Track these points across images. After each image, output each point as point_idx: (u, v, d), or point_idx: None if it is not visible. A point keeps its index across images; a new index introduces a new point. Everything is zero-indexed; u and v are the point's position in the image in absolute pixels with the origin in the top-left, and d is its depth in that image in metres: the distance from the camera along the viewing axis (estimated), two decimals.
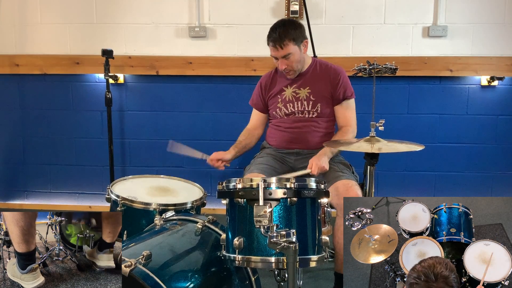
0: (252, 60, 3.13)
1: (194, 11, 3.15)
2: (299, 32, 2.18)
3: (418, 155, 2.73)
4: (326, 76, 2.27)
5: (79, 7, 3.20)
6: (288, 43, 2.14)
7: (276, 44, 2.14)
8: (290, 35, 2.13)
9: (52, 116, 3.36)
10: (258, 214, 1.29)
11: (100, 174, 3.36)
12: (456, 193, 3.22)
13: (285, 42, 2.13)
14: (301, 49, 2.20)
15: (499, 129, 3.17)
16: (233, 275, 1.49)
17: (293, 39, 2.14)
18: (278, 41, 2.13)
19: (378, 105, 3.03)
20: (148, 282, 1.20)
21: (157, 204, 1.85)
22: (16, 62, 3.27)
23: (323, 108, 2.27)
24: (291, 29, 2.15)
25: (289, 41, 2.14)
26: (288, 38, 2.13)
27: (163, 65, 3.19)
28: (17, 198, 3.50)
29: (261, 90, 2.40)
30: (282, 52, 2.16)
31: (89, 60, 3.20)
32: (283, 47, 2.14)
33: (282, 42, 2.13)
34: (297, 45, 2.17)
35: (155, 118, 3.31)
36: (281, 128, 2.33)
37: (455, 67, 3.07)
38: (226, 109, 3.25)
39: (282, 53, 2.16)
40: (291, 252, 1.19)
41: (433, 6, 3.06)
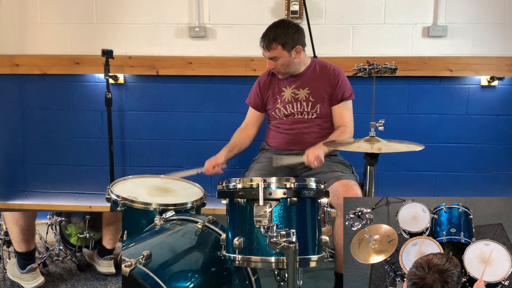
0: (252, 60, 3.13)
1: (194, 11, 3.15)
2: (292, 38, 2.14)
3: (418, 155, 2.72)
4: (325, 76, 2.27)
5: (79, 7, 3.20)
6: (276, 47, 2.13)
7: (263, 44, 2.16)
8: (279, 40, 2.12)
9: (52, 116, 3.36)
10: (258, 214, 1.29)
11: (100, 174, 3.36)
12: (456, 193, 3.22)
13: (272, 45, 2.13)
14: (291, 54, 2.17)
15: (499, 129, 3.17)
16: (233, 275, 1.49)
17: (282, 44, 2.13)
18: (266, 42, 2.15)
19: (378, 105, 3.03)
20: (148, 282, 1.20)
21: (157, 204, 1.85)
22: (16, 62, 3.27)
23: (322, 109, 2.26)
24: (284, 34, 2.13)
25: (277, 45, 2.13)
26: (276, 42, 2.12)
27: (163, 65, 3.19)
28: (17, 198, 3.50)
29: (259, 89, 2.39)
30: (268, 54, 2.17)
31: (89, 60, 3.20)
32: (270, 49, 2.15)
33: (269, 45, 2.14)
34: (286, 50, 2.15)
35: (155, 118, 3.31)
36: (280, 129, 2.33)
37: (455, 67, 3.07)
38: (226, 109, 3.25)
39: (269, 55, 2.18)
40: (291, 252, 1.19)
41: (433, 6, 3.06)
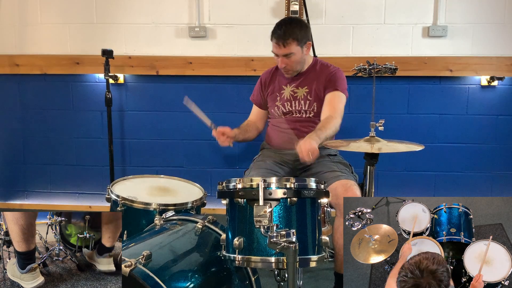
0: (252, 60, 3.13)
1: (194, 11, 3.15)
2: (304, 33, 2.16)
3: (418, 155, 2.73)
4: (323, 75, 2.26)
5: (79, 7, 3.21)
6: (292, 42, 2.11)
7: (279, 41, 2.12)
8: (294, 35, 2.11)
9: (52, 116, 3.36)
10: (258, 214, 1.29)
11: (100, 174, 3.36)
12: (456, 193, 3.22)
13: (288, 40, 2.11)
14: (303, 50, 2.18)
15: (499, 129, 3.17)
16: (233, 275, 1.49)
17: (297, 39, 2.12)
18: (282, 38, 2.11)
19: (378, 105, 3.03)
20: (148, 282, 1.20)
21: (157, 204, 1.85)
22: (16, 62, 3.27)
23: (319, 108, 2.26)
24: (297, 29, 2.13)
25: (293, 40, 2.11)
26: (292, 37, 2.11)
27: (163, 65, 3.19)
28: (17, 198, 3.50)
29: (261, 86, 2.40)
30: (284, 50, 2.14)
31: (89, 60, 3.20)
32: (286, 45, 2.12)
33: (285, 41, 2.11)
34: (300, 45, 2.15)
35: (155, 118, 3.31)
36: (279, 129, 2.33)
37: (455, 67, 3.07)
38: (226, 109, 3.25)
39: (284, 51, 2.14)
40: (291, 252, 1.19)
41: (433, 6, 3.06)
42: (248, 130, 2.40)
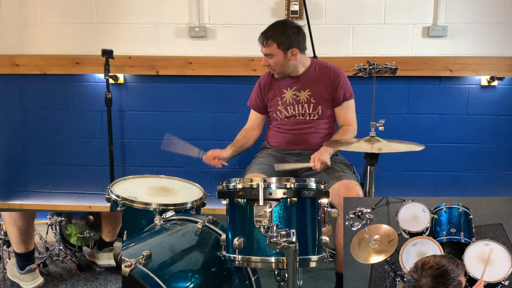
0: (252, 60, 3.13)
1: (194, 11, 3.15)
2: (289, 39, 2.16)
3: (418, 155, 2.73)
4: (326, 77, 2.27)
5: (79, 7, 3.20)
6: (271, 44, 2.17)
7: (261, 39, 2.21)
8: (276, 38, 2.16)
9: (52, 116, 3.36)
10: (258, 214, 1.29)
11: (100, 174, 3.36)
12: (456, 193, 3.22)
13: (268, 42, 2.18)
14: (286, 54, 2.18)
15: (499, 129, 3.17)
16: (233, 275, 1.49)
17: (278, 43, 2.16)
18: (262, 37, 2.20)
19: (378, 105, 3.03)
20: (148, 282, 1.20)
21: (157, 204, 1.85)
22: (16, 62, 3.27)
23: (324, 110, 2.26)
24: (281, 33, 2.16)
25: (273, 43, 2.17)
26: (272, 39, 2.16)
27: (163, 65, 3.19)
28: (17, 198, 3.50)
29: (260, 91, 2.39)
30: (264, 50, 2.22)
31: (89, 60, 3.20)
32: (266, 45, 2.19)
33: (265, 41, 2.19)
34: (280, 49, 2.17)
35: (155, 118, 3.31)
36: (281, 130, 2.33)
37: (455, 67, 3.07)
38: (226, 109, 3.24)
39: (264, 51, 2.22)
40: (291, 252, 1.19)
41: (433, 6, 3.06)
42: (244, 144, 2.38)
